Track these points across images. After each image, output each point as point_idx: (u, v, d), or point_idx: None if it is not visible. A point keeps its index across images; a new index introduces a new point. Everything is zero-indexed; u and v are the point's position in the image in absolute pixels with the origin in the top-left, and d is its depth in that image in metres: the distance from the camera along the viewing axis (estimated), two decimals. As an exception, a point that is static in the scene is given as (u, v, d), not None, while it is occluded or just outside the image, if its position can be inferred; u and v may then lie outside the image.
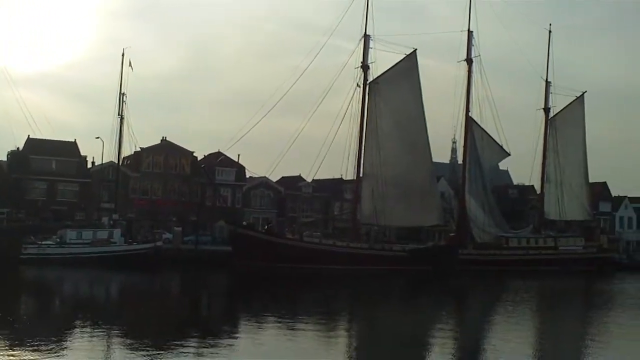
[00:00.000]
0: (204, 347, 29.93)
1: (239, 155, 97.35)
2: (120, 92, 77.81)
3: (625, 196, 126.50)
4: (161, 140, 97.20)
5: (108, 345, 29.65)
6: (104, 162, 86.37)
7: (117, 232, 73.86)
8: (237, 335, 34.38)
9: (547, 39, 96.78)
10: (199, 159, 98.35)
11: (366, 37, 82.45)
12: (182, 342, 30.50)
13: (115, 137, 77.86)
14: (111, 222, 76.83)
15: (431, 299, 57.42)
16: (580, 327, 42.83)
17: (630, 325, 43.67)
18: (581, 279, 79.32)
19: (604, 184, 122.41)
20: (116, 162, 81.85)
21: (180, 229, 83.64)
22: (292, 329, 36.16)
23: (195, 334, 33.41)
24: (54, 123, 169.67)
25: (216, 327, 36.65)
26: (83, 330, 33.32)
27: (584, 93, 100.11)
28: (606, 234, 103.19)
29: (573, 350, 34.11)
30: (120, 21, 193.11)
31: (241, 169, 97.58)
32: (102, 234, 73.05)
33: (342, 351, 31.88)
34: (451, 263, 77.55)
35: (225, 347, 30.22)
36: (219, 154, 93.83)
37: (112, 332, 32.83)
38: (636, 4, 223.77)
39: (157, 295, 53.98)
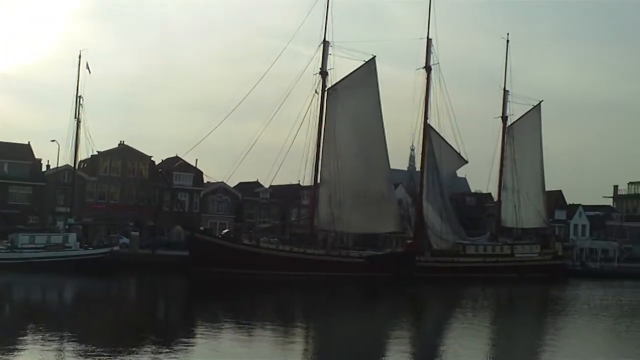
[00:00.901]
0: (160, 352, 29.65)
1: (196, 160, 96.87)
2: (77, 95, 77.00)
3: (580, 204, 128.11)
4: (119, 144, 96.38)
5: (60, 352, 29.18)
6: (59, 165, 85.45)
7: (72, 237, 72.66)
8: (193, 340, 34.14)
9: (505, 47, 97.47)
10: (157, 163, 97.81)
11: (325, 43, 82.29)
12: (138, 347, 30.31)
13: (72, 141, 76.96)
14: (66, 226, 76.04)
15: (388, 306, 57.55)
16: (536, 332, 43.14)
17: (584, 330, 44.38)
18: (536, 285, 79.96)
19: (560, 192, 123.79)
20: (72, 165, 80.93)
21: (137, 233, 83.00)
22: (249, 335, 36.19)
23: (151, 339, 33.19)
24: (8, 125, 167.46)
25: (172, 333, 36.47)
26: (34, 337, 32.90)
27: (540, 102, 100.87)
28: (561, 242, 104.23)
29: (529, 355, 34.42)
30: (79, 23, 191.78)
31: (199, 174, 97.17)
32: (57, 239, 71.89)
33: (299, 357, 31.86)
34: (408, 270, 77.69)
35: (181, 352, 30.01)
36: (177, 158, 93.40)
37: (65, 338, 32.42)
38: (591, 13, 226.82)
39: (113, 301, 53.43)
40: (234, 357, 30.45)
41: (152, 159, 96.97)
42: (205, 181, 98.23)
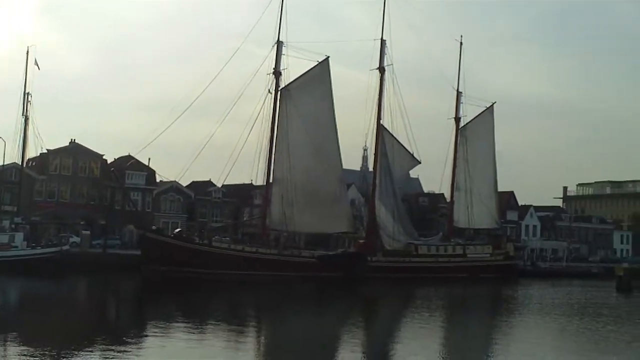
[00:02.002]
0: (109, 353, 29.17)
1: (149, 159, 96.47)
2: (24, 92, 76.02)
3: (531, 205, 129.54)
4: (70, 143, 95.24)
5: (3, 357, 28.58)
6: (5, 163, 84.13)
7: (19, 236, 71.57)
8: (144, 340, 33.70)
9: (459, 49, 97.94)
10: (109, 162, 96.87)
11: (279, 43, 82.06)
12: (86, 349, 29.84)
13: (19, 138, 75.96)
14: (13, 225, 74.84)
15: (340, 306, 57.42)
16: (489, 332, 43.39)
17: (537, 329, 44.52)
18: (488, 285, 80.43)
19: (512, 193, 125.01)
20: (20, 163, 79.78)
21: (88, 232, 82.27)
22: (201, 335, 35.93)
23: (101, 340, 32.57)
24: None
25: (123, 333, 35.89)
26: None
27: (493, 104, 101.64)
28: (512, 242, 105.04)
29: (482, 355, 34.57)
30: (30, 18, 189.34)
31: (152, 173, 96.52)
32: (3, 238, 70.88)
33: (251, 356, 31.79)
34: (360, 270, 77.76)
35: (131, 352, 29.54)
36: (129, 157, 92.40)
37: (9, 342, 31.69)
38: (543, 17, 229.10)
39: (61, 301, 52.64)
40: (186, 357, 30.21)
41: (104, 157, 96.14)
42: (158, 180, 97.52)
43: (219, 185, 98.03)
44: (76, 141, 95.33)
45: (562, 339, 40.05)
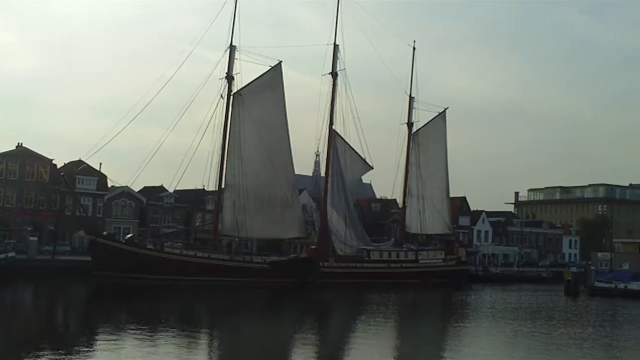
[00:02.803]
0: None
1: (100, 164, 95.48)
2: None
3: (483, 210, 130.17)
4: (17, 146, 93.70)
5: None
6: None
7: (-39, 243, 70.25)
8: (93, 348, 33.29)
9: (412, 54, 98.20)
10: (58, 166, 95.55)
11: (232, 48, 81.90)
12: (32, 358, 29.20)
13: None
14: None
15: (292, 312, 57.44)
16: (441, 336, 43.92)
17: (487, 332, 45.49)
18: (440, 291, 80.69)
19: (464, 198, 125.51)
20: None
21: (35, 238, 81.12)
22: (152, 341, 35.57)
23: (47, 349, 31.95)
24: None
25: (71, 341, 35.52)
26: None
27: (446, 109, 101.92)
28: (464, 247, 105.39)
29: (431, 359, 34.66)
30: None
31: (103, 178, 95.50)
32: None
33: None
34: (312, 275, 77.71)
35: (79, 360, 29.15)
36: (80, 162, 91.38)
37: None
38: (494, 22, 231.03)
39: (5, 309, 51.82)
40: None
41: (54, 161, 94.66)
42: (109, 185, 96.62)
43: (171, 190, 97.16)
44: (23, 145, 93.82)
45: (514, 342, 40.50)
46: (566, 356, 35.51)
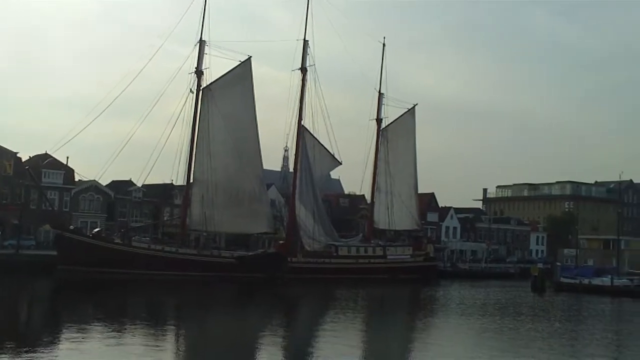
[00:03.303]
0: (20, 358, 28.36)
1: (67, 157, 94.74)
2: None
3: (451, 207, 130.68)
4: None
5: None
6: None
7: None
8: (58, 344, 32.98)
9: (381, 51, 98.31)
10: (23, 160, 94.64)
11: (201, 43, 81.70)
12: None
13: None
14: None
15: (260, 307, 57.36)
16: (409, 332, 44.00)
17: (457, 328, 45.79)
18: (408, 286, 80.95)
19: (432, 194, 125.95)
20: None
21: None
22: (119, 337, 35.35)
23: (10, 346, 31.28)
24: None
25: (34, 338, 34.94)
26: None
27: (415, 105, 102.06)
28: (433, 243, 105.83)
29: (403, 354, 34.82)
30: None
31: (70, 171, 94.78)
32: None
33: (170, 359, 31.26)
34: (280, 271, 77.73)
35: (44, 356, 28.87)
36: (46, 155, 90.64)
37: None
38: (463, 21, 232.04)
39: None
40: (101, 359, 29.50)
41: (18, 155, 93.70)
42: (76, 179, 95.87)
43: (139, 184, 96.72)
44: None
45: (484, 338, 40.69)
46: (534, 351, 35.76)
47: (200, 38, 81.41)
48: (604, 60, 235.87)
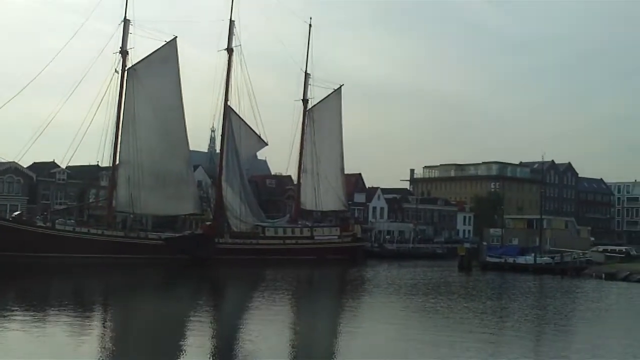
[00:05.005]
0: None
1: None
2: None
3: (378, 187, 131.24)
4: None
5: None
6: None
7: None
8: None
9: (308, 31, 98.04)
10: None
11: (126, 22, 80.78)
12: None
13: None
14: None
15: (188, 289, 57.05)
16: (335, 312, 44.08)
17: (381, 307, 46.08)
18: (336, 267, 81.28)
19: (359, 175, 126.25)
20: None
21: None
22: (42, 323, 34.39)
23: None
24: None
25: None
26: None
27: (341, 86, 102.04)
28: (360, 224, 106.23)
29: (328, 333, 35.04)
30: None
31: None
32: None
33: (96, 344, 30.21)
34: (207, 252, 77.53)
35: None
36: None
37: None
38: (394, 3, 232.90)
39: None
40: (26, 349, 28.20)
41: None
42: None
43: (64, 166, 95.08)
44: None
45: (422, 317, 41.22)
46: (469, 328, 36.20)
47: (125, 17, 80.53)
48: (526, 44, 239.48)
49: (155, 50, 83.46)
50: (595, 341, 33.85)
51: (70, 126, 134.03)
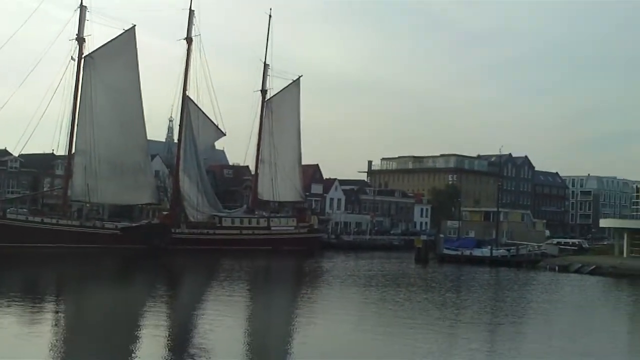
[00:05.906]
0: None
1: None
2: None
3: (336, 179, 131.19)
4: None
5: None
6: None
7: None
8: None
9: (268, 22, 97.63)
10: None
11: (82, 8, 79.95)
12: None
13: None
14: None
15: (144, 279, 56.81)
16: (291, 303, 44.06)
17: (336, 298, 46.34)
18: (293, 258, 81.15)
19: (317, 166, 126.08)
20: None
21: None
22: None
23: None
24: None
25: None
26: None
27: (300, 77, 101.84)
28: (317, 215, 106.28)
29: (286, 324, 34.98)
30: None
31: None
32: None
33: (48, 336, 29.44)
34: (164, 241, 77.24)
35: None
36: None
37: None
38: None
39: None
40: None
41: None
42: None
43: (17, 154, 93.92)
44: None
45: (381, 309, 41.12)
46: (429, 320, 36.32)
47: (81, 3, 79.67)
48: (485, 37, 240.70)
49: (113, 39, 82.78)
50: (549, 332, 34.18)
51: (25, 113, 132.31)
